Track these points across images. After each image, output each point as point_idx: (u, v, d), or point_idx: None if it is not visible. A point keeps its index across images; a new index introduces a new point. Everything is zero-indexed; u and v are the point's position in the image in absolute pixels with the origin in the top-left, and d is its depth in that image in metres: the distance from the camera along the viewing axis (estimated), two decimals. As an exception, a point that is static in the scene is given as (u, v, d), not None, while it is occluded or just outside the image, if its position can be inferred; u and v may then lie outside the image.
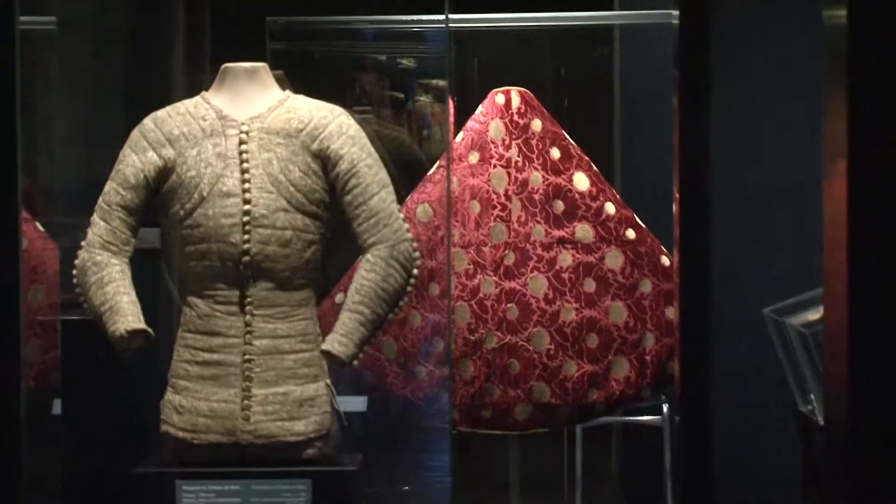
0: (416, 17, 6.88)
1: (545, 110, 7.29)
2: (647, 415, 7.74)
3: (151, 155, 5.12)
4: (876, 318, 3.71)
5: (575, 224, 7.09)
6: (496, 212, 7.07)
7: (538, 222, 7.08)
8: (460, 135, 7.12)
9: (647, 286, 7.11)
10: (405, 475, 6.31)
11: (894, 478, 3.72)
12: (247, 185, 5.09)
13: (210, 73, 5.34)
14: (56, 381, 5.54)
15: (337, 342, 5.07)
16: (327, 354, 5.08)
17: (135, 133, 5.20)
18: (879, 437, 3.73)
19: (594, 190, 7.17)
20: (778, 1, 5.96)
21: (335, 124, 5.21)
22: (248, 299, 5.11)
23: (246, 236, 5.07)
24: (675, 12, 6.16)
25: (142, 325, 5.06)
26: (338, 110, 5.30)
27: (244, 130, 5.15)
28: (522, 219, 7.07)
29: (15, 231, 5.80)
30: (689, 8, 6.08)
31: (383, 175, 5.24)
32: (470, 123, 7.19)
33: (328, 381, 5.17)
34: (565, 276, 7.06)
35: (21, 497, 5.79)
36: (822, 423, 4.87)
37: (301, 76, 5.84)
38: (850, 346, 3.76)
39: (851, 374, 3.76)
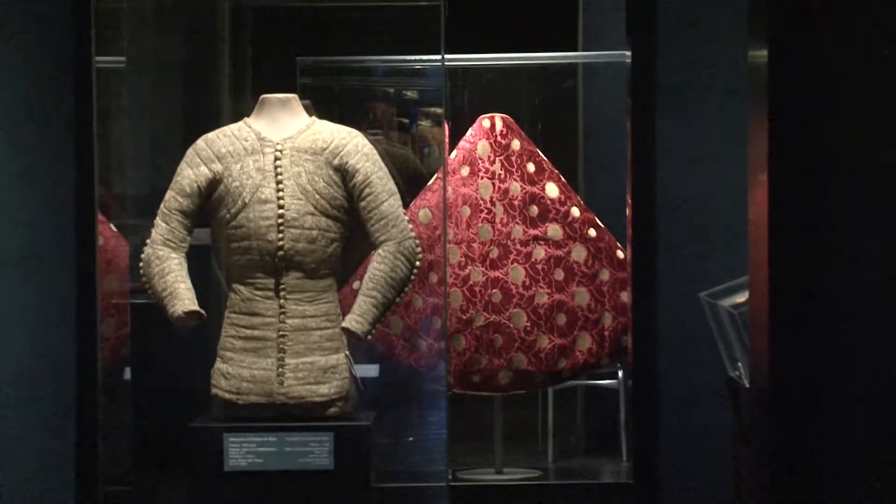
0: (417, 57, 6.88)
1: (522, 132, 7.31)
2: (606, 379, 7.74)
3: (203, 169, 5.12)
4: (790, 301, 3.75)
5: (547, 225, 7.12)
6: (483, 215, 7.09)
7: (517, 223, 7.11)
8: (454, 153, 7.15)
9: (605, 275, 7.14)
10: (409, 429, 6.31)
11: (805, 429, 3.76)
12: (280, 194, 5.10)
13: (251, 103, 5.34)
14: (126, 352, 5.52)
15: (354, 321, 5.09)
16: (347, 331, 5.10)
17: (189, 151, 5.21)
18: (794, 397, 3.77)
19: (562, 197, 7.20)
20: (708, 44, 5.98)
21: (352, 144, 5.20)
22: (282, 286, 5.11)
23: (280, 235, 5.08)
24: (628, 53, 6.20)
25: (195, 307, 5.08)
26: (354, 132, 5.29)
27: (278, 149, 5.15)
28: (504, 220, 7.10)
29: (93, 231, 5.81)
30: (639, 50, 6.11)
31: (391, 185, 5.24)
32: (462, 143, 7.22)
33: (347, 352, 5.16)
34: (539, 266, 7.09)
35: (98, 446, 5.83)
36: (747, 385, 4.89)
37: (324, 105, 5.83)
38: (770, 324, 3.80)
39: (771, 346, 3.80)
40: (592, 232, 7.17)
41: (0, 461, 5.92)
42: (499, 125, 7.24)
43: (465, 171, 7.15)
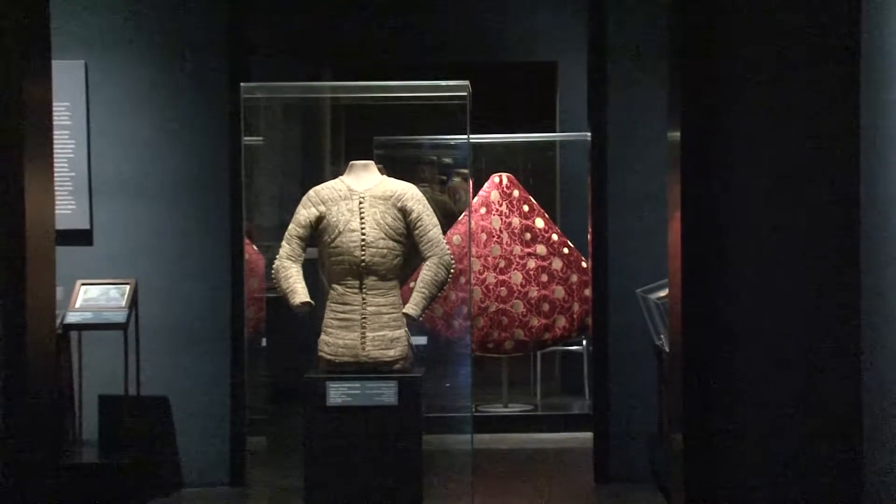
0: (451, 137, 6.92)
1: (520, 185, 7.37)
2: (575, 346, 7.77)
3: (313, 210, 5.10)
4: (694, 296, 3.77)
5: (536, 245, 7.17)
6: (494, 239, 7.14)
7: (517, 244, 7.16)
8: (475, 198, 7.20)
9: (574, 278, 7.18)
10: (446, 378, 6.31)
11: (705, 378, 3.78)
12: (363, 226, 5.06)
13: (344, 166, 5.35)
14: (263, 329, 5.54)
15: (411, 308, 5.07)
16: (406, 315, 5.08)
17: (304, 198, 5.17)
18: (696, 357, 3.79)
19: (546, 227, 7.25)
20: (642, 128, 5.97)
21: (409, 193, 5.16)
22: (364, 286, 5.06)
23: (363, 253, 5.04)
24: (589, 133, 6.20)
25: (308, 299, 5.05)
26: (410, 185, 5.25)
27: (361, 197, 5.11)
28: (508, 242, 7.14)
29: (241, 250, 5.85)
30: (596, 132, 6.11)
31: (434, 220, 5.18)
32: (480, 192, 7.29)
33: (406, 329, 5.12)
34: (531, 272, 7.13)
35: (244, 388, 5.86)
36: (667, 350, 4.91)
37: (391, 167, 5.86)
38: (681, 310, 3.83)
39: (682, 325, 3.82)
40: (566, 250, 7.24)
41: (182, 389, 5.99)
42: (505, 180, 7.32)
43: (483, 210, 7.22)
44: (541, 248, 7.18)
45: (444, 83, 5.17)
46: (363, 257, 5.06)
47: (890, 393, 3.00)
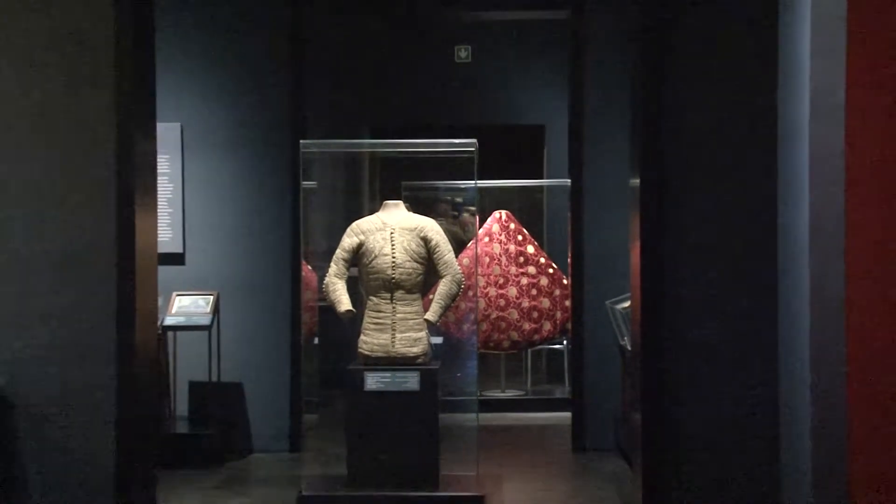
0: (462, 182, 6.85)
1: (515, 219, 7.35)
2: (557, 345, 7.73)
3: (355, 238, 5.04)
4: (648, 307, 3.78)
5: (528, 266, 7.15)
6: (495, 262, 7.12)
7: (513, 265, 7.14)
8: (481, 230, 7.17)
9: (557, 292, 7.16)
10: (457, 370, 6.28)
11: (658, 371, 3.77)
12: (394, 251, 5.00)
13: (379, 204, 5.30)
14: (315, 330, 5.51)
15: (430, 315, 5.03)
16: (426, 320, 5.04)
17: (348, 229, 5.10)
18: (651, 355, 3.79)
19: (536, 252, 7.24)
20: (611, 177, 5.95)
21: (429, 225, 5.10)
22: (394, 298, 5.00)
23: (393, 272, 4.98)
24: (569, 180, 6.19)
25: (351, 307, 5.01)
26: (430, 220, 5.17)
27: (392, 229, 5.05)
28: (506, 264, 7.13)
29: (299, 269, 5.82)
30: (575, 178, 6.10)
31: (449, 246, 5.11)
32: (485, 225, 7.26)
33: (426, 331, 5.04)
34: (524, 287, 7.10)
35: (301, 376, 5.85)
36: (629, 348, 4.89)
37: (415, 206, 5.84)
38: (640, 318, 3.83)
39: (641, 330, 3.83)
40: (551, 270, 7.21)
41: (253, 376, 6.00)
42: (503, 216, 7.30)
43: (486, 239, 7.20)
44: (531, 269, 7.17)
45: (456, 141, 5.12)
46: (393, 275, 5.01)
47: (795, 375, 3.03)
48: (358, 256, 5.09)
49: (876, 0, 2.62)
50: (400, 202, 5.25)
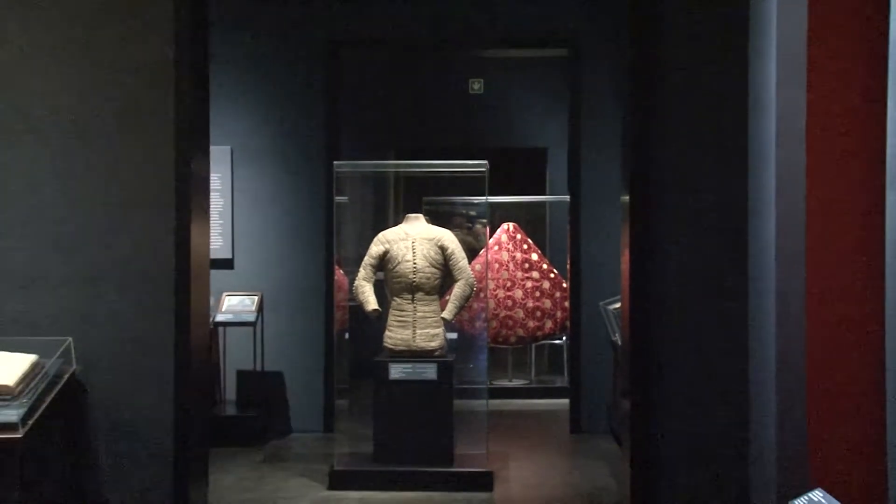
0: (475, 198, 6.79)
1: (522, 230, 7.33)
2: (557, 340, 7.70)
3: (381, 247, 5.03)
4: (636, 308, 3.79)
5: (532, 271, 7.13)
6: (503, 267, 7.10)
7: (519, 271, 7.12)
8: (491, 239, 7.15)
9: (558, 294, 7.13)
10: (469, 361, 6.26)
11: (644, 363, 3.78)
12: (415, 258, 4.99)
13: (402, 217, 5.29)
14: (346, 327, 5.46)
15: (446, 313, 5.01)
16: (443, 318, 5.02)
17: (375, 238, 5.09)
18: (639, 349, 3.79)
19: (539, 259, 7.21)
20: (608, 194, 5.99)
21: (446, 235, 5.09)
22: (415, 298, 4.98)
23: (414, 276, 4.96)
24: (568, 196, 6.17)
25: (377, 307, 4.99)
26: (446, 230, 5.17)
27: (414, 238, 5.04)
28: (513, 269, 7.11)
29: (332, 273, 5.82)
30: (573, 195, 6.07)
31: (463, 254, 5.10)
32: (495, 235, 7.23)
33: (443, 327, 5.02)
34: (528, 290, 7.08)
35: (333, 366, 5.84)
36: (619, 343, 4.89)
37: (434, 219, 5.83)
38: (629, 317, 3.83)
39: (629, 328, 3.83)
40: (552, 275, 7.18)
41: (292, 366, 5.99)
42: (511, 227, 7.28)
43: (496, 248, 7.19)
44: (535, 274, 7.16)
45: (470, 162, 5.10)
46: (414, 279, 5.00)
47: (762, 367, 3.03)
48: (384, 262, 5.08)
49: (833, 47, 2.64)
50: (420, 215, 5.25)
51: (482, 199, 5.33)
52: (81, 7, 3.43)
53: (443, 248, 5.06)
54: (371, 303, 5.01)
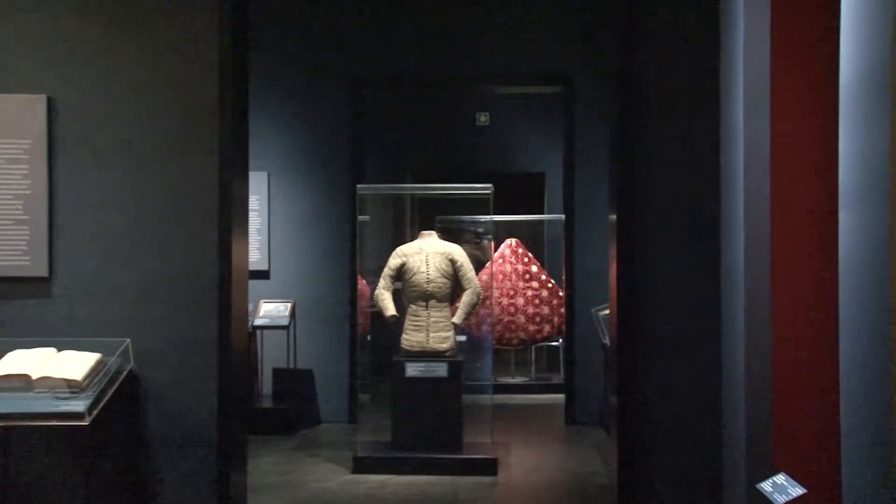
0: (481, 217, 6.88)
1: (523, 245, 7.33)
2: (554, 342, 7.71)
3: (399, 259, 5.03)
4: (623, 313, 3.78)
5: (532, 281, 7.13)
6: (507, 278, 7.09)
7: (520, 281, 7.11)
8: (496, 253, 7.17)
9: (555, 302, 7.12)
10: (476, 361, 6.28)
11: (631, 363, 3.77)
12: (428, 270, 4.98)
13: (417, 234, 5.30)
14: (368, 330, 5.49)
15: (456, 318, 4.99)
16: (453, 322, 5.00)
17: (394, 252, 5.09)
18: (626, 351, 3.78)
19: (538, 271, 7.20)
20: (600, 210, 5.99)
21: (456, 250, 5.08)
22: (428, 305, 4.97)
23: (427, 286, 4.95)
24: (563, 215, 6.18)
25: (395, 313, 4.98)
26: (457, 246, 5.15)
27: (427, 253, 5.03)
28: (514, 280, 7.10)
29: (355, 283, 5.80)
30: (568, 214, 6.04)
31: (471, 266, 5.09)
32: (499, 250, 7.23)
33: (453, 331, 5.00)
34: (529, 298, 7.07)
35: (357, 364, 5.84)
36: (609, 345, 4.88)
37: (446, 235, 5.85)
38: (617, 322, 3.82)
39: (617, 331, 3.82)
40: (550, 284, 7.17)
41: (321, 364, 5.98)
42: (514, 243, 7.28)
43: (500, 261, 7.19)
44: (535, 284, 7.15)
45: (477, 185, 5.11)
46: (428, 288, 5.00)
47: (735, 365, 3.03)
48: (401, 273, 5.08)
49: (795, 84, 2.66)
50: (434, 232, 5.25)
51: (488, 217, 5.34)
52: (143, 54, 3.49)
53: (453, 261, 5.06)
54: (390, 309, 5.01)
